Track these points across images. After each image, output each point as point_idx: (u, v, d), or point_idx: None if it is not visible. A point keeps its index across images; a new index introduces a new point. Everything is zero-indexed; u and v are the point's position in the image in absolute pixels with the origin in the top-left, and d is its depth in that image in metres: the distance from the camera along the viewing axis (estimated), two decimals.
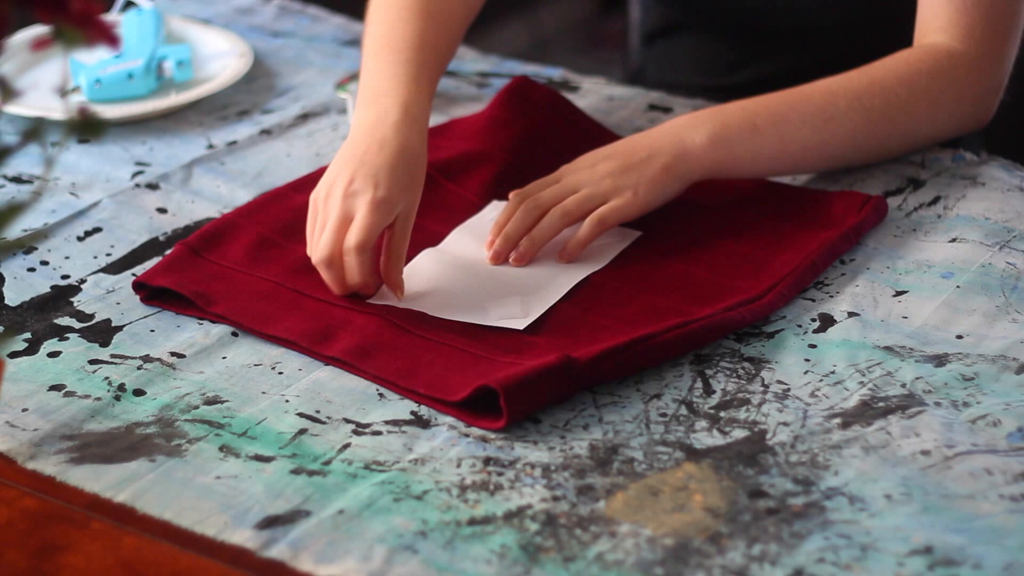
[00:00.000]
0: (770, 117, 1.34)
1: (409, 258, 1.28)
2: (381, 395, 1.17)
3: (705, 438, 1.12)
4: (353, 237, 1.22)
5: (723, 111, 1.34)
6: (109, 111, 1.51)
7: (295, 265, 1.29)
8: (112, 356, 1.22)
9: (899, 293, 1.27)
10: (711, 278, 1.27)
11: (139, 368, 1.20)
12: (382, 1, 1.40)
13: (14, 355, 1.21)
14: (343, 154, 1.26)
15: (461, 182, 1.39)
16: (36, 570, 1.03)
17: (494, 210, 1.37)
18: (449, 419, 1.15)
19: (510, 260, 1.29)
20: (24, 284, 1.30)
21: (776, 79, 1.45)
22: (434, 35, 1.37)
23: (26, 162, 1.46)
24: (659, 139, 1.33)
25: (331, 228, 1.23)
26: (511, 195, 1.33)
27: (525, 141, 1.44)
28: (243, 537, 1.04)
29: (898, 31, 1.43)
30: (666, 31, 1.69)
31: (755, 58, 1.62)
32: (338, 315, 1.24)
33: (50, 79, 1.55)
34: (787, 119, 1.34)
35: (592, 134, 1.47)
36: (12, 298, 1.28)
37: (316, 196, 1.26)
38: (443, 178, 1.39)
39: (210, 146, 1.50)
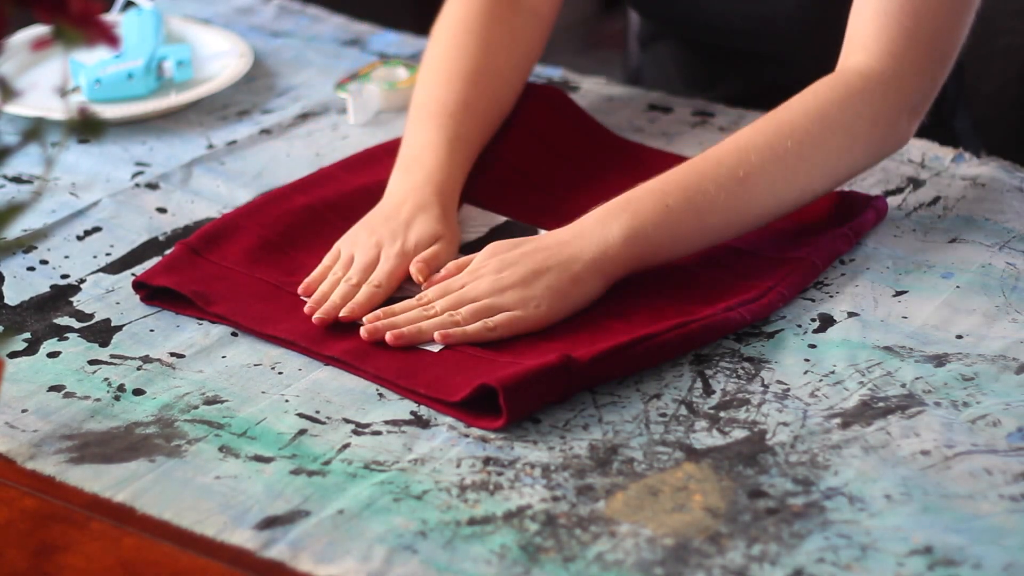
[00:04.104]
0: (682, 194, 1.25)
1: None
2: (381, 395, 1.17)
3: (705, 438, 1.12)
4: (375, 276, 1.26)
5: (633, 199, 1.26)
6: (109, 111, 1.51)
7: (295, 267, 1.30)
8: (112, 356, 1.22)
9: (899, 293, 1.27)
10: (711, 278, 1.27)
11: (139, 368, 1.20)
12: (431, 64, 1.43)
13: (14, 355, 1.21)
14: (375, 215, 1.32)
15: None
16: (36, 570, 1.03)
17: (461, 226, 1.36)
18: (449, 419, 1.15)
19: (387, 338, 1.20)
20: (24, 284, 1.30)
21: (758, 95, 1.44)
22: (476, 99, 1.39)
23: (26, 162, 1.46)
24: (570, 244, 1.24)
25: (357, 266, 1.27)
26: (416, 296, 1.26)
27: (521, 139, 1.45)
28: (243, 537, 1.04)
29: None
30: (656, 37, 1.69)
31: (732, 74, 1.61)
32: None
33: (50, 79, 1.55)
34: (700, 190, 1.25)
35: (592, 134, 1.47)
36: (12, 298, 1.29)
37: (340, 245, 1.31)
38: None
39: (210, 146, 1.51)
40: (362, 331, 1.21)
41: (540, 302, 1.22)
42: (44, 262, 1.33)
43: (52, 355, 1.22)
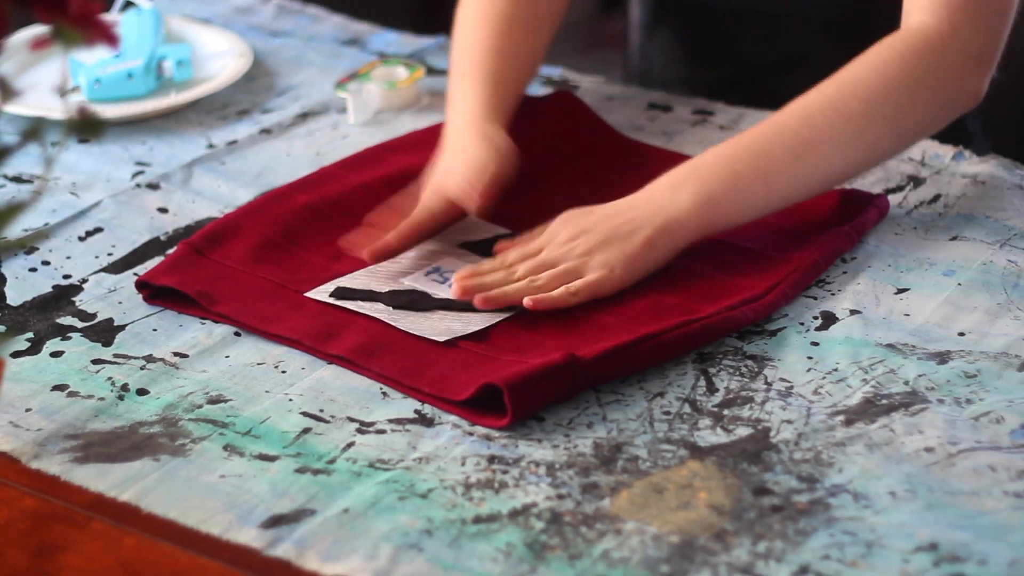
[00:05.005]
0: (750, 159, 1.27)
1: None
2: (385, 394, 1.17)
3: (709, 436, 1.12)
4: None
5: (701, 165, 1.28)
6: (109, 111, 1.51)
7: (298, 265, 1.30)
8: (115, 356, 1.22)
9: (901, 291, 1.27)
10: (714, 276, 1.27)
11: (142, 368, 1.20)
12: (465, 19, 1.45)
13: (17, 355, 1.21)
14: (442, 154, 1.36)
15: None
16: (36, 570, 1.03)
17: (462, 232, 1.35)
18: (453, 417, 1.15)
19: (475, 301, 1.23)
20: (26, 284, 1.30)
21: (764, 75, 1.44)
22: (513, 48, 1.43)
23: (26, 162, 1.46)
24: (641, 209, 1.26)
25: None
26: (496, 251, 1.30)
27: (530, 142, 1.44)
28: (248, 536, 1.04)
29: (889, 16, 1.41)
30: (661, 21, 1.69)
31: (737, 54, 1.61)
32: (341, 315, 1.24)
33: (50, 79, 1.55)
34: (767, 154, 1.27)
35: (601, 135, 1.47)
36: (14, 298, 1.28)
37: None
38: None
39: (210, 146, 1.50)
40: (452, 290, 1.24)
41: (615, 266, 1.24)
42: (46, 263, 1.33)
43: (55, 355, 1.21)
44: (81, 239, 1.36)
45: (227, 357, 1.21)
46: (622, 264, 1.24)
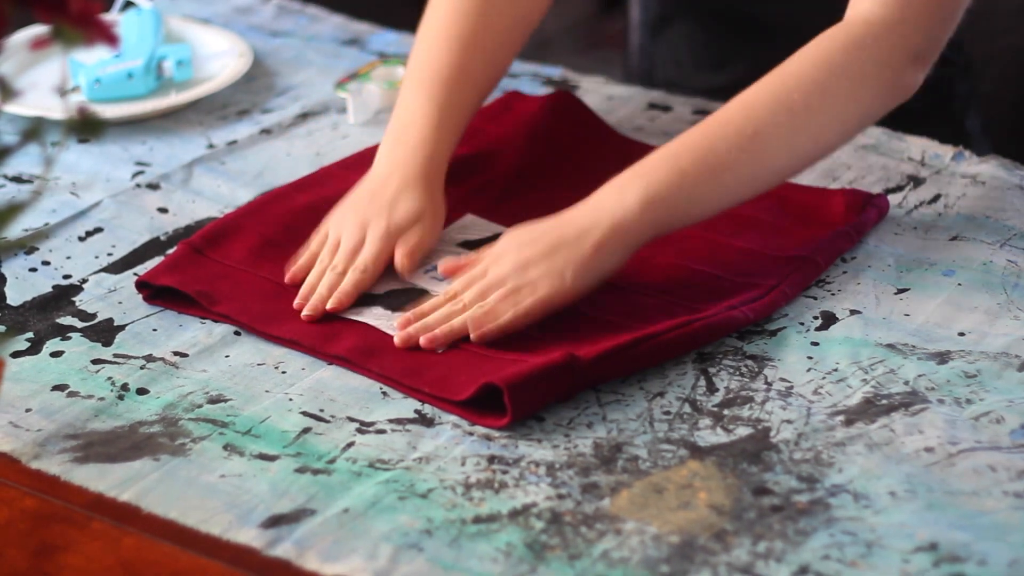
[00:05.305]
0: (694, 155, 1.24)
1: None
2: (384, 394, 1.17)
3: (709, 436, 1.12)
4: (360, 261, 1.27)
5: (646, 165, 1.24)
6: (109, 111, 1.51)
7: None
8: (115, 356, 1.22)
9: (901, 291, 1.27)
10: (713, 276, 1.27)
11: (142, 367, 1.20)
12: (428, 26, 1.41)
13: (17, 355, 1.21)
14: (362, 191, 1.32)
15: (451, 186, 1.38)
16: (36, 570, 1.03)
17: (461, 231, 1.36)
18: (453, 417, 1.15)
19: (420, 342, 1.20)
20: (26, 284, 1.30)
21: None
22: (471, 64, 1.38)
23: (26, 162, 1.46)
24: (587, 215, 1.23)
25: (343, 251, 1.28)
26: (443, 273, 1.26)
27: (523, 141, 1.44)
28: (248, 536, 1.04)
29: None
30: (667, 22, 1.69)
31: (742, 54, 1.61)
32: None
33: (50, 79, 1.55)
34: (712, 150, 1.24)
35: (601, 135, 1.47)
36: (14, 298, 1.28)
37: (328, 226, 1.31)
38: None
39: (210, 146, 1.50)
40: (396, 340, 1.21)
41: (565, 273, 1.20)
42: (46, 263, 1.33)
43: (55, 354, 1.21)
44: (81, 239, 1.36)
45: (227, 357, 1.21)
46: (572, 270, 1.21)
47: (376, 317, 1.24)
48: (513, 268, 1.22)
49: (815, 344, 1.21)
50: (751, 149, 1.25)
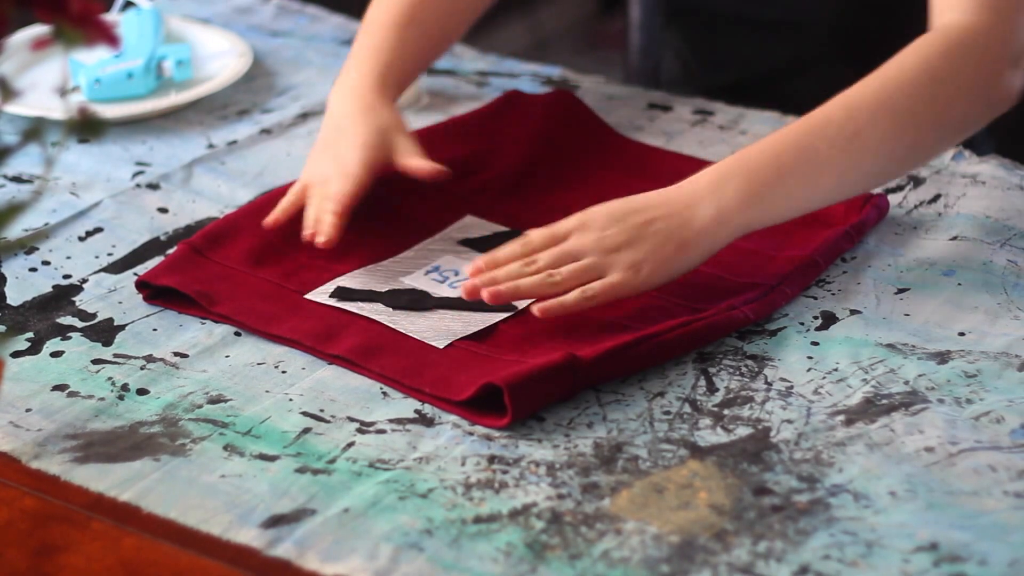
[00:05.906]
0: (795, 153, 1.22)
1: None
2: (385, 394, 1.17)
3: (709, 436, 1.12)
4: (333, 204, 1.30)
5: (746, 159, 1.22)
6: (109, 111, 1.51)
7: (297, 266, 1.30)
8: (115, 356, 1.22)
9: (901, 291, 1.27)
10: (714, 276, 1.27)
11: (142, 368, 1.20)
12: (368, 18, 1.43)
13: (17, 355, 1.21)
14: (322, 137, 1.36)
15: (451, 186, 1.38)
16: (36, 570, 1.03)
17: (461, 231, 1.36)
18: (453, 417, 1.15)
19: (483, 295, 1.19)
20: (26, 284, 1.30)
21: (775, 75, 1.44)
22: (423, 13, 1.41)
23: (26, 162, 1.46)
24: (681, 208, 1.20)
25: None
26: (522, 238, 1.23)
27: (523, 140, 1.44)
28: (248, 536, 1.04)
29: (892, 24, 1.41)
30: (672, 21, 1.69)
31: (751, 50, 1.61)
32: (341, 315, 1.24)
33: (50, 79, 1.55)
34: (812, 148, 1.22)
35: (601, 135, 1.47)
36: (14, 298, 1.28)
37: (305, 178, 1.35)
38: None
39: (210, 146, 1.50)
40: (462, 287, 1.21)
41: (642, 266, 1.19)
42: (46, 263, 1.33)
43: (55, 354, 1.21)
44: (81, 239, 1.36)
45: (227, 357, 1.21)
46: (650, 267, 1.19)
47: (377, 313, 1.24)
48: (594, 244, 1.20)
49: (815, 344, 1.21)
50: (852, 151, 1.23)
